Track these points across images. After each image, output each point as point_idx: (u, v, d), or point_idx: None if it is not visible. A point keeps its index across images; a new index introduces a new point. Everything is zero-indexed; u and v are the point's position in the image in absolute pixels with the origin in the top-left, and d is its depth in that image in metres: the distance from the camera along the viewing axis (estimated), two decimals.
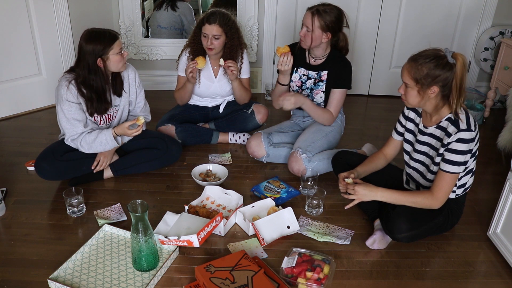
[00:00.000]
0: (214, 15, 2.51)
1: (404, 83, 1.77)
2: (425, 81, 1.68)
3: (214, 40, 2.52)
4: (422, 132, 1.88)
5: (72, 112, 2.15)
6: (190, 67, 2.52)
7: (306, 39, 2.33)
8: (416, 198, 1.81)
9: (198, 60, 2.52)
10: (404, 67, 1.75)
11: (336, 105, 2.47)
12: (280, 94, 2.44)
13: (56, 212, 2.10)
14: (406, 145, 1.98)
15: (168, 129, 2.66)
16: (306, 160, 2.36)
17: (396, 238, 1.87)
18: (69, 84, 2.12)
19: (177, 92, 2.76)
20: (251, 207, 2.09)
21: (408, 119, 1.97)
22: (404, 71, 1.74)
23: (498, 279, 1.80)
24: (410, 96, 1.76)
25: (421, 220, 1.85)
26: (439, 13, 3.42)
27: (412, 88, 1.73)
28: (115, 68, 2.16)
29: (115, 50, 2.10)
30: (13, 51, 2.98)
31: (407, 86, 1.75)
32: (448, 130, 1.74)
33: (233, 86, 2.68)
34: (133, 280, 1.69)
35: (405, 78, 1.74)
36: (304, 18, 2.32)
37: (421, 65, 1.68)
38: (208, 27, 2.49)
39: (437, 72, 1.66)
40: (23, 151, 2.64)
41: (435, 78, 1.67)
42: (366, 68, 3.65)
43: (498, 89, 3.23)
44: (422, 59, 1.69)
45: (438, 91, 1.70)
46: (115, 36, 2.11)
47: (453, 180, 1.77)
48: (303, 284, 1.67)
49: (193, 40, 2.63)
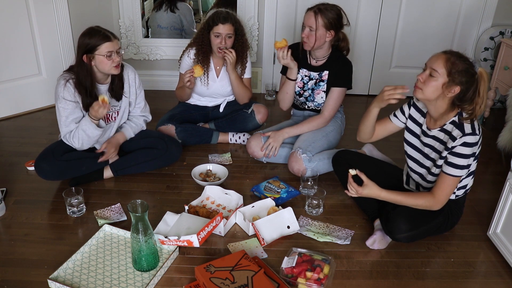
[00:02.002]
0: (224, 14, 2.52)
1: (430, 71, 1.70)
2: (457, 76, 1.65)
3: (228, 39, 2.54)
4: (426, 134, 1.87)
5: (68, 110, 2.16)
6: (187, 76, 2.54)
7: (310, 40, 2.32)
8: (417, 200, 1.81)
9: (195, 69, 2.53)
10: (441, 56, 1.69)
11: (332, 104, 2.46)
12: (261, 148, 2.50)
13: (56, 212, 2.10)
14: (407, 147, 1.98)
15: (168, 129, 2.66)
16: (306, 160, 2.36)
17: (396, 239, 1.87)
18: (66, 82, 2.13)
19: (177, 90, 2.79)
20: (251, 207, 2.09)
21: (411, 118, 1.95)
22: (439, 59, 1.68)
23: (498, 279, 1.80)
24: (431, 86, 1.69)
25: (421, 221, 1.85)
26: (439, 13, 3.42)
27: (438, 79, 1.68)
28: (102, 69, 2.13)
29: (101, 50, 2.07)
30: (13, 51, 2.98)
31: (432, 75, 1.69)
32: (453, 134, 1.73)
33: (231, 79, 2.67)
34: (133, 280, 1.69)
35: (437, 65, 1.67)
36: (306, 18, 2.31)
37: (458, 60, 1.66)
38: (222, 26, 2.50)
39: (468, 75, 1.66)
40: (23, 151, 2.64)
41: (464, 79, 1.66)
42: (366, 68, 3.65)
43: (498, 89, 3.22)
44: (459, 56, 1.67)
45: (456, 94, 1.69)
46: (106, 37, 2.08)
47: (455, 183, 1.76)
48: (303, 284, 1.67)
49: (201, 42, 2.62)
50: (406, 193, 1.85)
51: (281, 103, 2.59)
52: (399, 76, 3.63)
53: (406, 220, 1.82)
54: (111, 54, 2.09)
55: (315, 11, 2.28)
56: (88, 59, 2.10)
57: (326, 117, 2.49)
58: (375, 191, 1.82)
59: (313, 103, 2.57)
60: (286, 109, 2.63)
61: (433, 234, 1.96)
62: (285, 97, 2.54)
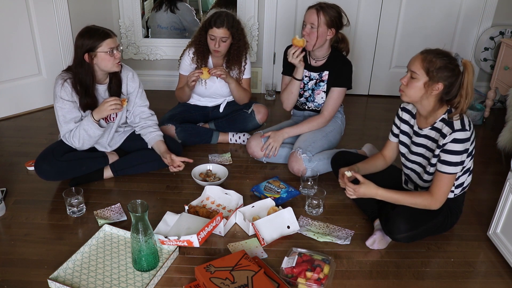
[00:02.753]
0: (221, 17, 2.51)
1: (410, 73, 1.74)
2: (435, 74, 1.68)
3: (222, 42, 2.53)
4: (417, 133, 1.88)
5: (65, 110, 2.16)
6: (194, 76, 2.53)
7: (311, 37, 2.31)
8: (415, 199, 1.81)
9: (204, 70, 2.53)
10: (417, 57, 1.73)
11: (332, 104, 2.47)
12: (261, 147, 2.50)
13: (56, 212, 2.10)
14: (402, 147, 1.99)
15: (168, 129, 2.66)
16: (306, 160, 2.36)
17: (395, 239, 1.87)
18: (64, 82, 2.13)
19: (177, 90, 2.79)
20: (251, 207, 2.09)
21: (403, 121, 1.97)
22: (416, 61, 1.72)
23: (498, 279, 1.80)
24: (413, 87, 1.74)
25: (421, 220, 1.85)
26: (439, 13, 3.42)
27: (418, 80, 1.71)
28: (104, 66, 2.13)
29: (104, 48, 2.08)
30: (13, 51, 2.98)
31: (413, 77, 1.73)
32: (443, 131, 1.74)
33: (231, 88, 2.68)
34: (133, 280, 1.69)
35: (415, 67, 1.72)
36: (307, 16, 2.31)
37: (436, 58, 1.68)
38: (216, 30, 2.50)
39: (448, 70, 1.68)
40: (23, 151, 2.65)
41: (445, 75, 1.68)
42: (366, 68, 3.65)
43: (498, 89, 3.22)
44: (436, 53, 1.70)
45: (441, 90, 1.71)
46: (107, 34, 2.09)
47: (450, 180, 1.77)
48: (303, 284, 1.67)
49: (199, 41, 2.63)
50: (404, 192, 1.86)
51: (285, 103, 2.58)
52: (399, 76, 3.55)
53: (405, 220, 1.82)
54: (112, 50, 2.10)
55: (317, 8, 2.29)
56: (89, 58, 2.10)
57: (326, 117, 2.49)
58: (372, 190, 1.82)
59: (313, 103, 2.57)
60: (289, 109, 2.63)
61: (433, 234, 1.96)
62: (290, 97, 2.53)
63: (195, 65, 2.67)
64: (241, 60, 2.67)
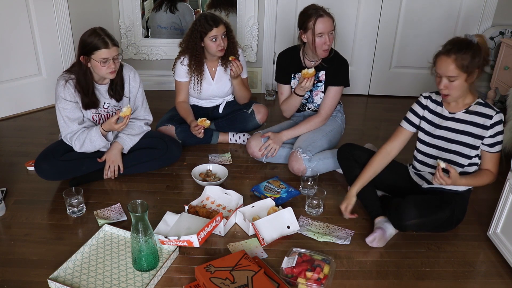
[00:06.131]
0: (212, 17, 2.52)
1: (447, 78, 1.76)
2: (470, 66, 1.73)
3: (224, 38, 2.55)
4: (446, 117, 1.91)
5: (67, 110, 2.16)
6: (199, 131, 2.54)
7: (331, 45, 2.35)
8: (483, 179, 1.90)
9: (204, 123, 2.53)
10: (446, 61, 1.75)
11: (329, 103, 2.47)
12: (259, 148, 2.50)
13: (56, 212, 2.10)
14: (421, 134, 1.99)
15: (168, 129, 2.66)
16: (306, 160, 2.36)
17: (404, 226, 1.88)
18: (66, 82, 2.13)
19: (178, 105, 2.75)
20: (251, 207, 2.09)
21: (428, 109, 1.97)
22: (450, 65, 1.74)
23: (498, 279, 1.80)
24: (456, 87, 1.77)
25: (430, 209, 1.88)
26: (439, 13, 3.42)
27: (458, 79, 1.75)
28: (98, 73, 2.13)
29: (97, 56, 2.06)
30: (13, 51, 2.98)
31: (451, 80, 1.76)
32: (487, 113, 1.82)
33: (234, 84, 2.68)
34: (133, 280, 1.69)
35: (451, 71, 1.74)
36: (323, 24, 2.26)
37: (462, 53, 1.72)
38: (216, 29, 2.50)
39: (475, 56, 1.73)
40: (23, 151, 2.65)
41: (476, 61, 1.73)
42: (366, 68, 3.65)
43: (498, 89, 3.23)
44: (458, 48, 1.74)
45: (478, 73, 1.77)
46: (105, 44, 2.06)
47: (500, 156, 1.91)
48: (303, 284, 1.67)
49: (196, 51, 2.58)
50: (473, 175, 1.91)
51: (286, 113, 2.62)
52: (399, 76, 3.63)
53: (415, 207, 1.86)
54: (106, 60, 2.08)
55: (329, 14, 2.30)
56: (85, 60, 2.10)
57: (323, 115, 2.49)
58: (457, 180, 1.84)
59: (313, 104, 2.57)
60: (289, 117, 2.65)
61: (439, 228, 1.97)
62: (290, 108, 2.57)
63: (192, 74, 2.66)
64: (236, 52, 2.65)
